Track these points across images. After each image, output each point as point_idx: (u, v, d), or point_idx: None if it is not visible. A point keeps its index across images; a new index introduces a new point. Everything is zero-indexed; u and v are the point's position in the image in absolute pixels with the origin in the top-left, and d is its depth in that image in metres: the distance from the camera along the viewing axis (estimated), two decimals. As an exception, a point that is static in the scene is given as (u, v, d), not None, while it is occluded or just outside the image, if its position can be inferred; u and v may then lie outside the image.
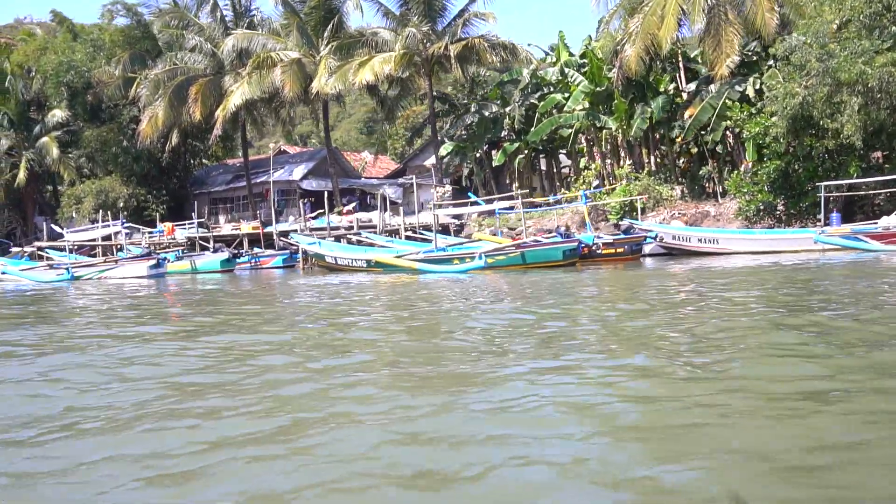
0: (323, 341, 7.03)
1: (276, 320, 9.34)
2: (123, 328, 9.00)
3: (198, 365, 5.83)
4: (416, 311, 9.69)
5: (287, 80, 31.68)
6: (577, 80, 29.08)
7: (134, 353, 6.57)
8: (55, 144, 37.86)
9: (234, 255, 26.13)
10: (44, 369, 5.92)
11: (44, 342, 7.92)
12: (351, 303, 11.31)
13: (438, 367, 5.34)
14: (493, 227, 29.10)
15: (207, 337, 7.63)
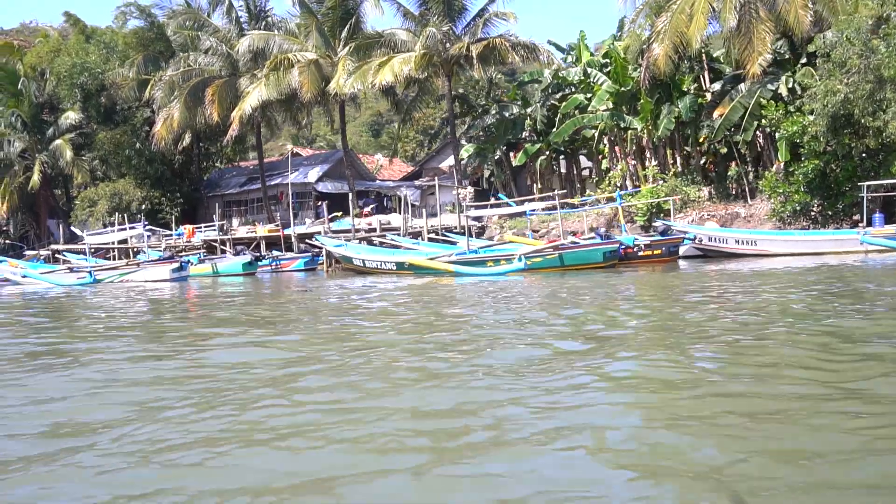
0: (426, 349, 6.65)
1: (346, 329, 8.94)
2: (200, 335, 8.62)
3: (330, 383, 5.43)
4: (493, 314, 9.29)
5: (305, 80, 31.35)
6: (601, 80, 28.71)
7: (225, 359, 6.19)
8: (69, 147, 37.56)
9: (256, 258, 25.73)
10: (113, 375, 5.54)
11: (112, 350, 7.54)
12: (414, 309, 10.89)
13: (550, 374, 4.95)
14: (514, 228, 28.78)
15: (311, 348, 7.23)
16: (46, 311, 13.67)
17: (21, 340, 8.74)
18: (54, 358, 6.98)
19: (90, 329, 9.85)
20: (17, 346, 8.06)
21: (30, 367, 6.41)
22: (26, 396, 5.05)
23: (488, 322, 8.28)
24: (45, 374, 5.98)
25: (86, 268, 23.21)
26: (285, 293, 16.06)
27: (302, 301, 13.13)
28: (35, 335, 9.27)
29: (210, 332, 8.86)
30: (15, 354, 7.29)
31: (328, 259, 24.36)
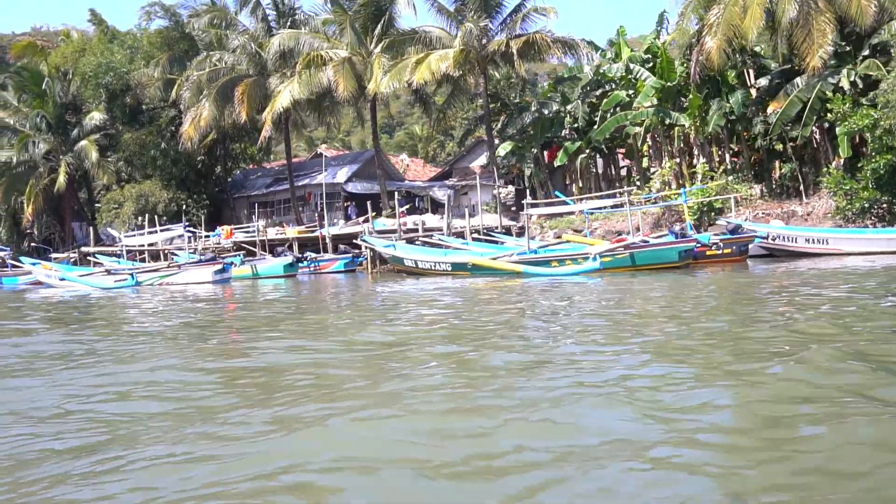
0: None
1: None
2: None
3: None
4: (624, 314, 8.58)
5: (340, 78, 30.72)
6: (644, 75, 27.97)
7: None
8: (94, 148, 37.03)
9: (297, 260, 25.10)
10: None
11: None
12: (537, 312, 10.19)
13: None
14: (556, 228, 28.07)
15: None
16: (120, 314, 13.04)
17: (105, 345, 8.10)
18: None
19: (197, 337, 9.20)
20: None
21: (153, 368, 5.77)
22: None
23: (655, 332, 7.58)
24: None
25: (126, 270, 22.62)
26: (356, 298, 15.35)
27: (400, 312, 12.27)
28: (129, 341, 8.62)
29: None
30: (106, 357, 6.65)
31: (372, 260, 23.69)
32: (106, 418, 4.46)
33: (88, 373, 6.18)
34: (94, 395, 5.23)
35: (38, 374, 6.30)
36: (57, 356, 7.33)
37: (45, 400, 5.08)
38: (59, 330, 10.44)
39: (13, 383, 5.92)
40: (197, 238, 29.32)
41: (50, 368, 6.56)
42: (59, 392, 5.37)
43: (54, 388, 5.57)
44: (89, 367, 6.49)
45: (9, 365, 6.86)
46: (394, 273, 22.94)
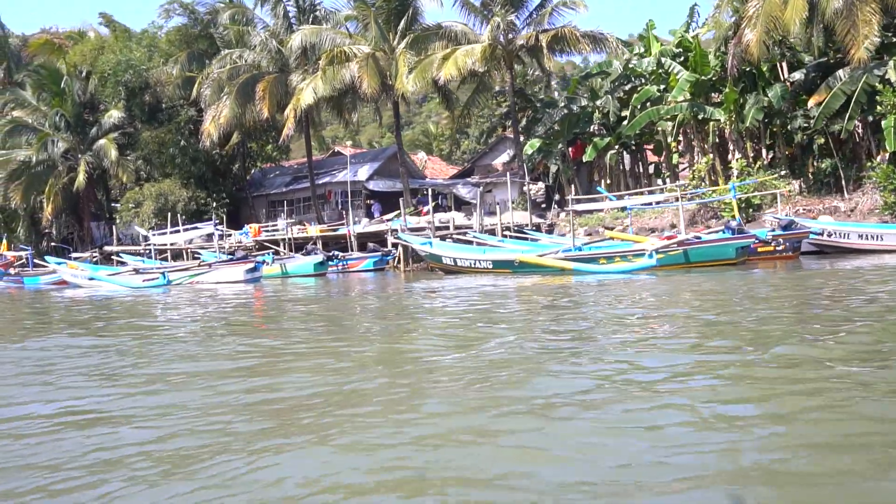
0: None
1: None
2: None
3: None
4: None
5: (364, 75, 30.28)
6: (676, 70, 27.42)
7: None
8: (113, 146, 36.70)
9: (328, 258, 24.66)
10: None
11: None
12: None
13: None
14: (586, 226, 27.57)
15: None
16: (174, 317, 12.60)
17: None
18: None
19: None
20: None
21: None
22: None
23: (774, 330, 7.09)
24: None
25: (155, 269, 22.23)
26: (408, 298, 14.88)
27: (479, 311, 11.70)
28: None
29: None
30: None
31: (405, 258, 23.23)
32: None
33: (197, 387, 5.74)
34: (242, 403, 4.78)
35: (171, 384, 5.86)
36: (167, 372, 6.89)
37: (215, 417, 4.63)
38: (129, 335, 10.00)
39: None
40: (225, 237, 28.83)
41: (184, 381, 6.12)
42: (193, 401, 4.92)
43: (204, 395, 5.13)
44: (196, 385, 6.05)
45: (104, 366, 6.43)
46: (427, 271, 22.50)
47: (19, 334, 10.32)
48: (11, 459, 3.62)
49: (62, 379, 6.01)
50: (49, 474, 3.35)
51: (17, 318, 13.80)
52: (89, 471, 3.39)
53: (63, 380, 5.97)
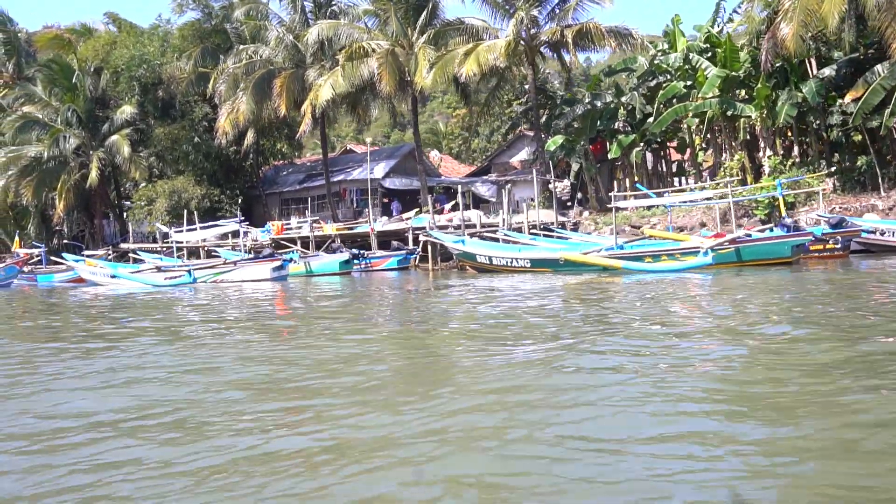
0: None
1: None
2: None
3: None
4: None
5: (384, 71, 29.77)
6: (704, 65, 26.94)
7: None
8: (126, 142, 36.14)
9: (354, 256, 24.16)
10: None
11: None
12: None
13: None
14: (610, 224, 27.07)
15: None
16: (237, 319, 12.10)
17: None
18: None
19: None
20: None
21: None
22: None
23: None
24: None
25: (179, 267, 21.73)
26: (474, 303, 14.36)
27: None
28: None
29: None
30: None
31: (433, 256, 22.72)
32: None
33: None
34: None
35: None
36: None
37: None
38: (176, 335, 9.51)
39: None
40: (249, 234, 28.25)
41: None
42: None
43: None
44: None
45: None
46: (456, 270, 22.03)
47: (82, 338, 9.84)
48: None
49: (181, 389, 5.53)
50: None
51: (55, 322, 13.29)
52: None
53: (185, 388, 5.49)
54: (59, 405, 4.98)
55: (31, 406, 4.97)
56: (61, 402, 5.08)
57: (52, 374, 6.39)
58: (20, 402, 5.16)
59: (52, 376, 6.26)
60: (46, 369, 6.65)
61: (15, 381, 6.08)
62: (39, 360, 7.36)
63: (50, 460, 3.63)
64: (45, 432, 4.18)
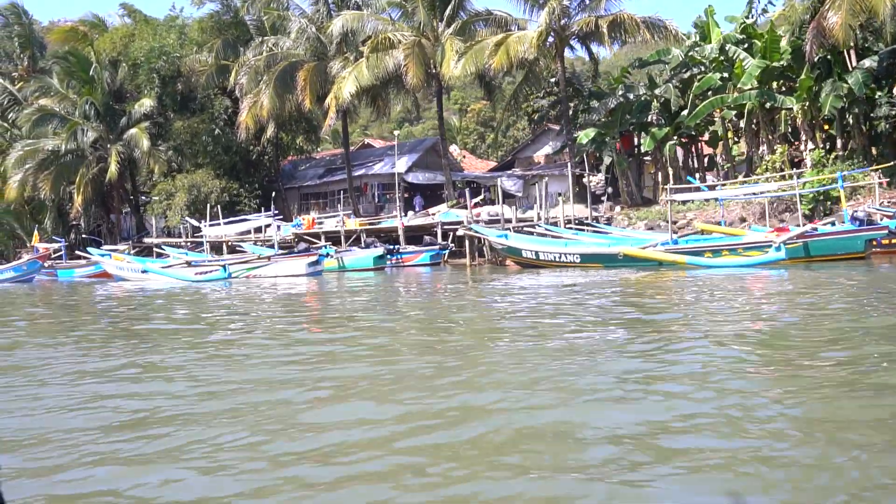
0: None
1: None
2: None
3: None
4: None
5: (411, 63, 29.20)
6: (741, 56, 26.29)
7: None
8: (145, 136, 35.57)
9: (388, 251, 23.60)
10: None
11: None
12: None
13: None
14: (646, 220, 26.52)
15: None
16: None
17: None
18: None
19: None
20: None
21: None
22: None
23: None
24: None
25: (210, 262, 21.19)
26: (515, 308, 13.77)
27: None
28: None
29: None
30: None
31: (471, 252, 22.15)
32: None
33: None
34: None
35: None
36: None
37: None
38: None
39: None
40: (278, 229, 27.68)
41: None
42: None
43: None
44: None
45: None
46: (496, 266, 21.47)
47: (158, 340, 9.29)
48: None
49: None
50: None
51: (139, 324, 12.74)
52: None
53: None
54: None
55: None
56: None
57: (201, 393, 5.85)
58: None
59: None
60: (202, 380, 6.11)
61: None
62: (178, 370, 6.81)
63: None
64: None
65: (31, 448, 3.77)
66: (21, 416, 4.50)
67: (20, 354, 7.58)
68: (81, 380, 5.69)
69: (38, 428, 4.14)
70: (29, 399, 5.00)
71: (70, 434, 3.94)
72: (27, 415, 4.53)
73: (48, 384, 5.54)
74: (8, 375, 6.03)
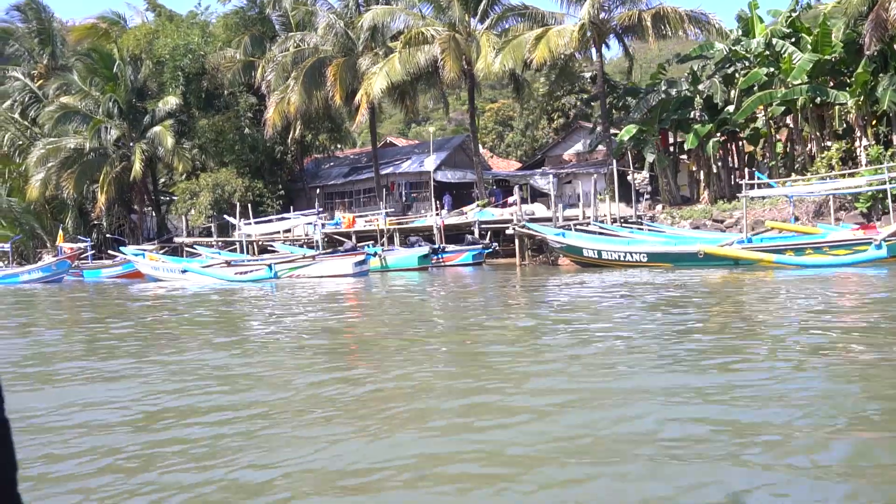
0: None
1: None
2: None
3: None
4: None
5: (448, 57, 28.49)
6: (790, 50, 25.52)
7: None
8: (170, 133, 34.94)
9: (433, 250, 22.89)
10: None
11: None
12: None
13: None
14: (691, 218, 25.81)
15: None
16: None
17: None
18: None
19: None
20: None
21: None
22: None
23: None
24: None
25: (253, 261, 20.50)
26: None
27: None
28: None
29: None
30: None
31: (521, 251, 21.44)
32: None
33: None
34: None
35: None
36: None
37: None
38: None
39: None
40: (315, 227, 26.98)
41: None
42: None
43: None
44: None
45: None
46: (547, 266, 20.75)
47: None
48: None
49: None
50: None
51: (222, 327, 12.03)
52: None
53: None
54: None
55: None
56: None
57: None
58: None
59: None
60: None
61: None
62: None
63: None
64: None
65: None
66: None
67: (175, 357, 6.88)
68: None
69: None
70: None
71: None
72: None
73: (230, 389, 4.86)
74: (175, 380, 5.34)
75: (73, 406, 4.64)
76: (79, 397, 4.93)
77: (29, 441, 3.74)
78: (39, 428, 4.07)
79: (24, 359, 7.09)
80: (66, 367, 6.52)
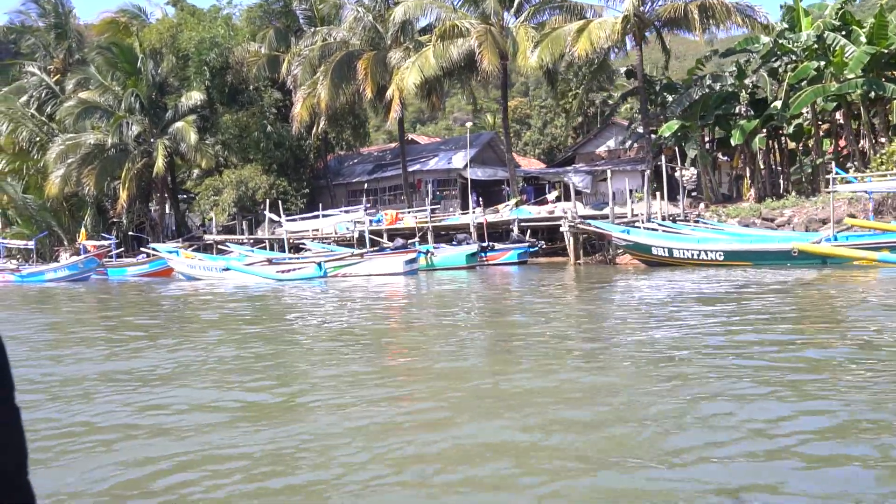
0: None
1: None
2: None
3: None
4: None
5: (486, 50, 27.72)
6: (843, 43, 24.72)
7: None
8: (192, 129, 34.13)
9: (482, 248, 22.09)
10: None
11: None
12: None
13: None
14: (737, 216, 25.03)
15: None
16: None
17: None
18: None
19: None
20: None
21: None
22: None
23: None
24: None
25: (306, 259, 19.72)
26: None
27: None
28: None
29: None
30: None
31: (576, 250, 20.63)
32: None
33: None
34: None
35: None
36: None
37: None
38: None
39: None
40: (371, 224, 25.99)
41: None
42: None
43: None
44: None
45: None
46: (605, 264, 19.95)
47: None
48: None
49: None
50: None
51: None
52: None
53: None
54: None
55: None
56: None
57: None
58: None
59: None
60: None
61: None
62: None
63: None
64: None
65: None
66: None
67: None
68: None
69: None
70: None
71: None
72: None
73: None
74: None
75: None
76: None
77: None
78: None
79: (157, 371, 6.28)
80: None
